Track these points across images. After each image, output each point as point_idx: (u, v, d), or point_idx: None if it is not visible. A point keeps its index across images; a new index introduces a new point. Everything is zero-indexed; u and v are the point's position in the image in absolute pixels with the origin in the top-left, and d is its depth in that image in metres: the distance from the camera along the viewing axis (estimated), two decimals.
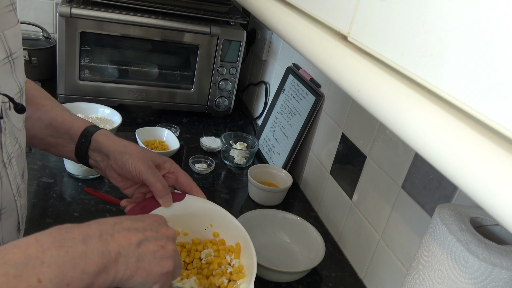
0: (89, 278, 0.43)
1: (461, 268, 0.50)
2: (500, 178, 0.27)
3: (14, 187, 0.55)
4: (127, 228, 0.51)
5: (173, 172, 0.73)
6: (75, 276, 0.42)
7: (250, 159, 1.23)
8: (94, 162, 0.72)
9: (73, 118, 0.71)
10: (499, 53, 0.28)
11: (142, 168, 0.68)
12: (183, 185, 0.74)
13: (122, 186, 0.73)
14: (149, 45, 1.30)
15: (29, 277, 0.38)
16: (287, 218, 0.96)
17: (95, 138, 0.70)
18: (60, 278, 0.41)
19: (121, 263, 0.47)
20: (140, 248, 0.50)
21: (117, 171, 0.70)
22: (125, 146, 0.70)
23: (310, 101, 1.12)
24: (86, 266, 0.43)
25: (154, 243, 0.52)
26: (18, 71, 0.54)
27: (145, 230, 0.52)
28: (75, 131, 0.70)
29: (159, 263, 0.52)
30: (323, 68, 0.48)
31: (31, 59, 1.36)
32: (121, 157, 0.68)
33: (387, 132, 0.84)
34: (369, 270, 0.89)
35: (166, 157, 0.74)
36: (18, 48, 0.53)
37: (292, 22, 0.57)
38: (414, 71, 0.35)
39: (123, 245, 0.48)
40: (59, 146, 0.71)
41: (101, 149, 0.70)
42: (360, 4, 0.43)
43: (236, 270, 0.72)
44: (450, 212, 0.54)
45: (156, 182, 0.68)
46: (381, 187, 0.85)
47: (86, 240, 0.45)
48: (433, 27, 0.34)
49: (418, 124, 0.34)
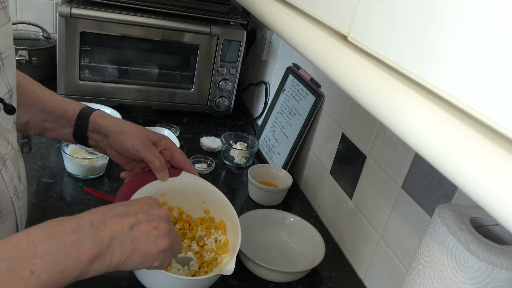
0: (83, 265, 0.45)
1: (461, 268, 0.50)
2: (500, 178, 0.27)
3: (11, 189, 0.55)
4: (119, 214, 0.53)
5: (169, 148, 0.78)
6: (68, 264, 0.44)
7: (250, 159, 1.23)
8: (93, 142, 0.75)
9: (65, 102, 0.74)
10: (499, 53, 0.28)
11: (140, 147, 0.72)
12: (178, 161, 0.79)
13: (122, 163, 0.78)
14: (149, 45, 1.30)
15: (22, 269, 0.40)
16: (287, 218, 0.96)
17: (93, 119, 0.73)
18: (53, 268, 0.42)
19: (116, 247, 0.49)
20: (133, 231, 0.52)
21: (117, 149, 0.74)
22: (123, 126, 0.73)
23: (310, 101, 1.12)
24: (79, 254, 0.45)
25: (147, 224, 0.55)
26: (8, 71, 0.53)
27: (137, 213, 0.55)
28: (71, 114, 0.73)
29: (155, 242, 0.54)
30: (323, 68, 0.48)
31: (31, 59, 1.36)
32: (120, 137, 0.72)
33: (387, 132, 0.84)
34: (369, 270, 0.89)
35: (162, 134, 0.79)
36: (8, 47, 0.53)
37: (292, 22, 0.57)
38: (414, 71, 0.35)
39: (115, 230, 0.50)
40: (56, 129, 0.73)
41: (100, 129, 0.73)
42: (360, 4, 0.43)
43: (221, 245, 0.78)
44: (450, 212, 0.54)
45: (154, 159, 0.73)
46: (381, 187, 0.85)
47: (76, 230, 0.47)
48: (433, 27, 0.34)
49: (418, 124, 0.34)
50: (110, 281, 0.76)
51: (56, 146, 1.10)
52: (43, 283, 0.42)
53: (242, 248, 0.82)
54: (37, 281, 0.41)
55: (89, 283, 0.75)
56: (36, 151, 1.07)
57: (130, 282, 0.76)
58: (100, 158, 1.00)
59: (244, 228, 0.90)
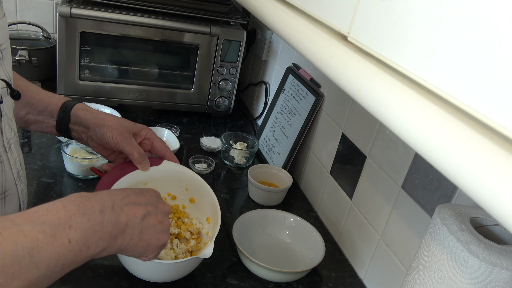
0: (104, 244, 0.49)
1: (461, 268, 0.50)
2: (500, 178, 0.27)
3: (15, 171, 0.58)
4: (133, 202, 0.56)
5: (149, 138, 0.80)
6: (94, 242, 0.47)
7: (250, 159, 1.23)
8: (76, 134, 0.78)
9: (48, 96, 0.76)
10: (499, 53, 0.28)
11: (118, 140, 0.74)
12: (158, 150, 0.81)
13: (104, 154, 0.80)
14: (149, 45, 1.30)
15: (62, 237, 0.43)
16: (287, 218, 0.96)
17: (74, 112, 0.75)
18: (83, 241, 0.46)
19: (127, 233, 0.53)
20: (143, 221, 0.56)
21: (98, 142, 0.76)
22: (103, 118, 0.75)
23: (310, 101, 1.12)
24: (103, 234, 0.48)
25: (154, 217, 0.58)
26: (6, 63, 0.56)
27: (147, 204, 0.58)
28: (54, 108, 0.75)
29: (157, 236, 0.58)
30: (323, 68, 0.48)
31: (31, 59, 1.36)
32: (100, 130, 0.74)
33: (387, 132, 0.84)
34: (369, 270, 0.89)
35: (142, 125, 0.81)
36: (5, 40, 0.55)
37: (292, 22, 0.57)
38: (414, 71, 0.35)
39: (130, 217, 0.53)
40: (39, 122, 0.76)
41: (81, 122, 0.75)
42: (360, 4, 0.43)
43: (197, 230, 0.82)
44: (450, 212, 0.54)
45: (133, 151, 0.75)
46: (381, 187, 0.85)
47: (103, 211, 0.50)
48: (433, 27, 0.34)
49: (418, 124, 0.34)
50: (110, 281, 0.76)
51: (56, 146, 1.10)
52: (75, 253, 0.45)
53: (242, 248, 0.82)
54: (72, 250, 0.44)
55: (89, 283, 0.75)
56: (36, 151, 1.07)
57: (130, 282, 0.76)
58: (100, 158, 1.00)
59: (244, 228, 0.90)
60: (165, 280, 0.77)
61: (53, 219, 0.44)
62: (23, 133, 1.12)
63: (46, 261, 0.41)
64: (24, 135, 1.12)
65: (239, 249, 0.83)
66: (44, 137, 1.13)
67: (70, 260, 0.44)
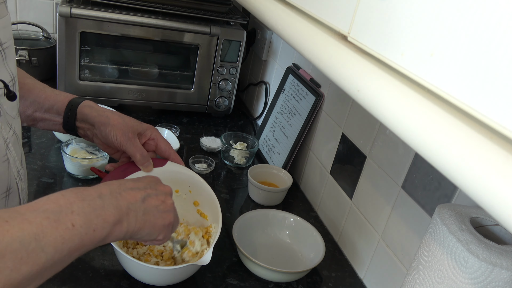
0: (109, 226, 0.50)
1: (461, 268, 0.50)
2: (500, 178, 0.27)
3: (15, 170, 0.59)
4: (131, 187, 0.57)
5: (154, 139, 0.80)
6: (99, 224, 0.48)
7: (250, 159, 1.23)
8: (82, 131, 0.78)
9: (55, 93, 0.76)
10: (499, 52, 0.28)
11: (122, 140, 0.74)
12: (162, 151, 0.80)
13: (109, 152, 0.81)
14: (149, 45, 1.30)
15: (65, 222, 0.45)
16: (287, 218, 0.96)
17: (80, 110, 0.75)
18: (87, 225, 0.47)
19: (132, 216, 0.53)
20: (145, 203, 0.56)
21: (102, 140, 0.77)
22: (108, 117, 0.75)
23: (310, 101, 1.12)
24: (106, 217, 0.49)
25: (156, 198, 0.59)
26: (10, 61, 0.56)
27: (146, 188, 0.59)
28: (60, 105, 0.75)
29: (162, 215, 0.59)
30: (323, 68, 0.48)
31: (31, 59, 1.36)
32: (105, 129, 0.74)
33: (387, 132, 0.84)
34: (369, 270, 0.89)
35: (147, 124, 0.80)
36: (8, 38, 0.56)
37: (292, 22, 0.57)
38: (414, 71, 0.35)
39: (130, 201, 0.54)
40: (46, 120, 0.76)
41: (87, 120, 0.76)
42: (360, 4, 0.43)
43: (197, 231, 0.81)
44: (450, 212, 0.54)
45: (135, 153, 0.75)
46: (381, 187, 0.85)
47: (101, 196, 0.51)
48: (433, 27, 0.34)
49: (418, 124, 0.34)
50: (110, 281, 0.76)
51: (56, 146, 1.10)
52: (81, 236, 0.46)
53: (242, 248, 0.82)
54: (77, 234, 0.45)
55: (89, 283, 0.75)
56: (36, 151, 1.07)
57: (130, 282, 0.76)
58: (100, 158, 1.00)
59: (244, 228, 0.90)
60: (162, 284, 0.77)
61: (54, 207, 0.45)
62: (23, 133, 1.12)
63: (52, 245, 0.43)
64: (24, 135, 1.12)
65: (239, 249, 0.83)
66: (44, 137, 1.13)
67: (77, 243, 0.45)
